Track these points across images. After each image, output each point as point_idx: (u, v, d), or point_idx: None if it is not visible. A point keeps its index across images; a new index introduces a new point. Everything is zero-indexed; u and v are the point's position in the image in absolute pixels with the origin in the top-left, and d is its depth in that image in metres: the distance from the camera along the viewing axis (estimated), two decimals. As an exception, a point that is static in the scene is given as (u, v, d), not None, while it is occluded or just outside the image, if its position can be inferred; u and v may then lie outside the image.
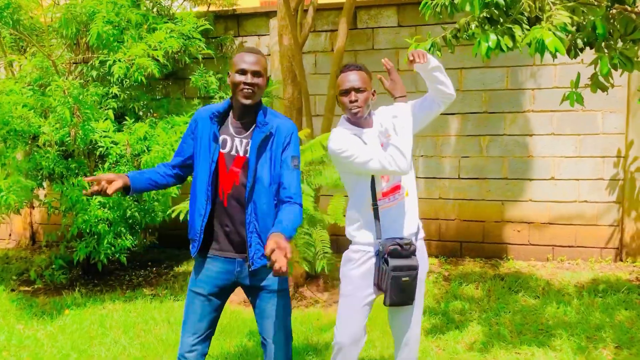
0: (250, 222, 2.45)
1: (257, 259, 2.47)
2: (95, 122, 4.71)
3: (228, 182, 2.48)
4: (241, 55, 2.45)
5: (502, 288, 4.96)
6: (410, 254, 2.58)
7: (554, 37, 2.75)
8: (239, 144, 2.49)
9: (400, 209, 2.63)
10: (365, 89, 2.56)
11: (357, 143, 2.53)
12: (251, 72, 2.40)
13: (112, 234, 4.92)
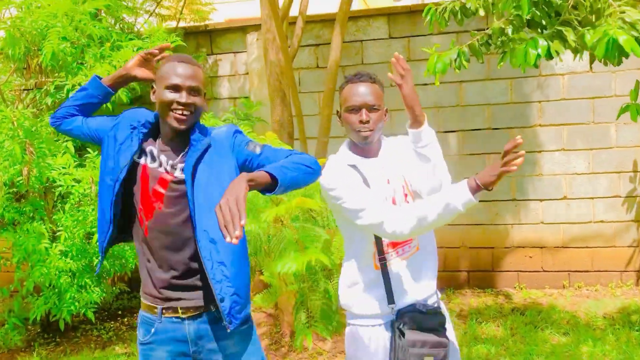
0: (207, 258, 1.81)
1: (236, 313, 1.85)
2: (52, 158, 4.00)
3: (149, 205, 1.86)
4: (172, 65, 1.84)
5: (525, 325, 4.43)
6: (437, 326, 1.94)
7: (630, 36, 2.24)
8: (165, 161, 1.89)
9: (413, 265, 2.01)
10: (379, 107, 1.98)
11: (352, 183, 1.94)
12: (187, 89, 1.81)
13: (75, 286, 4.21)
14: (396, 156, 2.08)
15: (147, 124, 1.91)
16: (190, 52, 5.65)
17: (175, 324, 1.89)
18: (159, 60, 2.06)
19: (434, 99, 5.31)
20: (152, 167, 1.87)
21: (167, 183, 1.85)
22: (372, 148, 2.06)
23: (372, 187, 1.98)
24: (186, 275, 1.88)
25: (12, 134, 3.68)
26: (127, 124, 1.93)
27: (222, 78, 5.78)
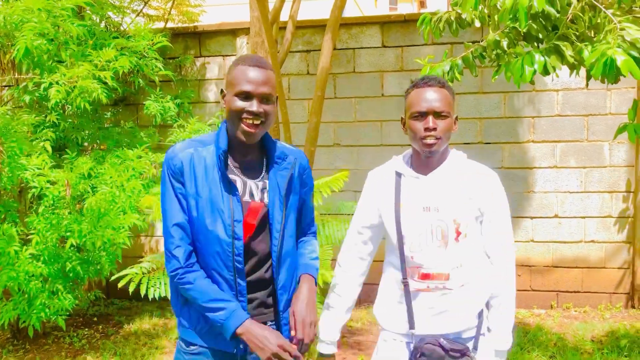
0: (278, 290, 1.76)
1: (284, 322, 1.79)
2: (26, 158, 3.84)
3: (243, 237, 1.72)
4: (243, 69, 1.68)
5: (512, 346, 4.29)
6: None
7: (628, 57, 2.12)
8: (253, 187, 1.74)
9: (443, 301, 1.84)
10: (447, 114, 1.81)
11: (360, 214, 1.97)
12: (259, 97, 1.66)
13: (47, 292, 4.04)
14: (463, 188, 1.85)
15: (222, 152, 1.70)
16: (177, 53, 5.52)
17: None
18: None
19: (425, 111, 5.19)
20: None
21: (258, 212, 1.73)
22: (431, 163, 1.86)
23: (404, 203, 1.84)
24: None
25: (-18, 132, 3.53)
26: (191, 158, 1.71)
27: (210, 81, 5.63)
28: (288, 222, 1.78)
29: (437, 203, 1.82)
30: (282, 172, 1.76)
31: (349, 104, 5.31)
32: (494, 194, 1.88)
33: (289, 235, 1.78)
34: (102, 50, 4.04)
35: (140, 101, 5.40)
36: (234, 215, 1.67)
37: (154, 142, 4.86)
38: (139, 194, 3.80)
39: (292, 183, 1.79)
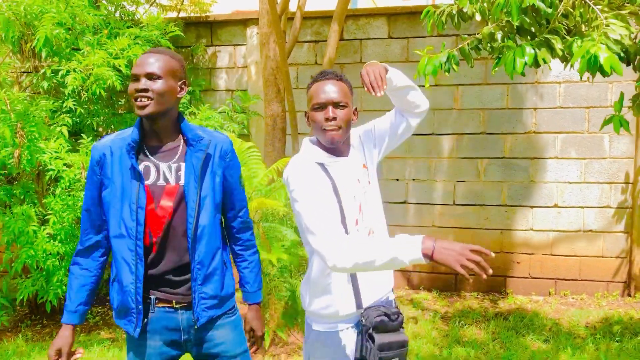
0: (194, 267, 1.92)
1: (202, 311, 1.94)
2: (44, 142, 4.03)
3: (157, 222, 1.90)
4: (138, 58, 1.92)
5: (507, 330, 4.45)
6: (399, 326, 1.96)
7: (611, 54, 2.25)
8: (166, 170, 1.92)
9: None
10: (346, 104, 1.94)
11: (315, 193, 1.84)
12: (144, 76, 1.85)
13: (63, 269, 4.24)
14: (359, 152, 2.08)
15: (132, 143, 1.89)
16: (190, 42, 5.67)
17: (169, 313, 1.94)
18: None
19: (430, 101, 5.30)
20: (150, 183, 1.90)
21: (174, 194, 1.90)
22: (343, 147, 2.01)
23: (341, 189, 1.94)
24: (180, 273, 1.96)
25: (3, 117, 3.71)
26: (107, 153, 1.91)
27: (221, 70, 5.79)
28: (204, 200, 1.93)
29: (357, 174, 2.01)
30: (197, 154, 1.92)
31: (356, 94, 5.42)
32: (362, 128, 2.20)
33: (207, 213, 1.93)
34: (117, 39, 4.21)
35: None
36: (137, 202, 1.86)
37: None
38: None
39: (208, 163, 1.94)
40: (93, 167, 1.93)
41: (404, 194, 5.43)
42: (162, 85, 1.86)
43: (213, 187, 1.96)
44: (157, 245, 1.90)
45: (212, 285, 1.95)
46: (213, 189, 1.96)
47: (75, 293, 1.96)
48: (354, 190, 1.98)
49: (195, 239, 1.91)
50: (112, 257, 1.96)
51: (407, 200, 5.44)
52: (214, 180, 1.96)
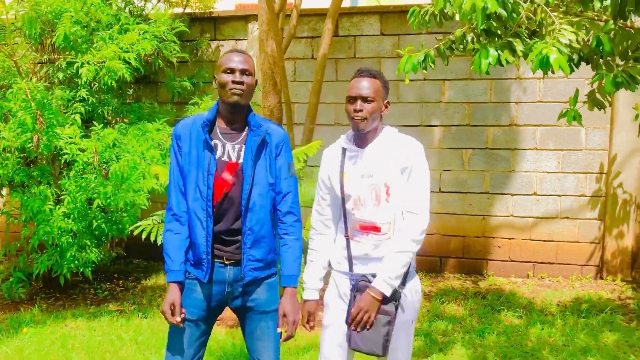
0: (245, 232, 2.29)
1: (248, 271, 2.30)
2: (60, 128, 4.40)
3: (219, 190, 2.28)
4: (228, 55, 2.28)
5: (484, 307, 4.82)
6: (389, 300, 2.24)
7: (559, 55, 2.60)
8: (230, 149, 2.30)
9: (379, 247, 2.30)
10: (374, 99, 2.26)
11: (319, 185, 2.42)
12: (239, 71, 2.23)
13: (76, 246, 4.62)
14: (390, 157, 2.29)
15: (207, 122, 2.28)
16: (194, 37, 6.02)
17: (220, 268, 2.32)
18: None
19: (419, 94, 5.67)
20: (217, 158, 2.28)
21: (234, 169, 2.28)
22: (365, 137, 2.33)
23: (346, 172, 2.32)
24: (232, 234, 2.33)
25: (24, 104, 4.08)
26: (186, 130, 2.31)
27: (224, 63, 6.13)
28: (257, 176, 2.29)
29: (372, 170, 2.30)
30: (255, 138, 2.30)
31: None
32: (412, 159, 2.29)
33: (259, 189, 2.29)
34: (127, 34, 4.56)
35: (159, 80, 5.94)
36: (209, 169, 2.25)
37: (171, 116, 5.41)
38: (157, 162, 4.34)
39: (264, 148, 2.32)
40: (175, 140, 2.32)
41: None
42: (252, 81, 2.27)
43: (266, 169, 2.32)
44: (216, 208, 2.28)
45: (259, 250, 2.31)
46: (266, 170, 2.32)
47: (175, 255, 2.29)
48: (356, 179, 2.31)
49: (248, 208, 2.27)
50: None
51: (397, 188, 5.80)
52: (267, 163, 2.33)
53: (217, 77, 2.27)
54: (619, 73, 2.85)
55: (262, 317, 2.37)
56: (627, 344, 4.07)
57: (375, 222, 2.29)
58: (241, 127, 2.33)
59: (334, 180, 2.36)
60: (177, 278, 2.28)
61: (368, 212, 2.30)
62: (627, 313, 4.64)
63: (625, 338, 4.16)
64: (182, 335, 2.33)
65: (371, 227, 2.30)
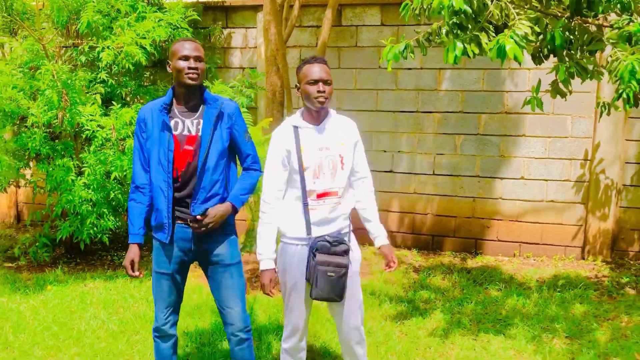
0: (199, 190, 2.71)
1: (196, 207, 2.73)
2: (82, 106, 4.86)
3: (182, 160, 2.70)
4: (182, 43, 2.69)
5: (468, 280, 5.20)
6: (342, 252, 2.70)
7: (514, 45, 2.97)
8: (190, 124, 2.72)
9: (333, 211, 2.74)
10: (330, 82, 2.69)
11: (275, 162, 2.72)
12: (193, 58, 2.65)
13: (95, 214, 5.09)
14: (340, 133, 2.80)
15: (164, 105, 2.71)
16: (207, 24, 6.44)
17: (184, 228, 2.75)
18: None
19: (415, 82, 6.03)
20: (177, 133, 2.71)
21: (194, 140, 2.71)
22: (319, 116, 2.76)
23: (304, 146, 2.71)
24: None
25: (52, 84, 4.54)
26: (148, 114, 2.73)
27: (235, 49, 6.56)
28: (213, 145, 2.70)
29: (328, 144, 2.73)
30: (212, 111, 2.72)
31: (350, 74, 6.18)
32: (358, 134, 2.86)
33: (213, 155, 2.70)
34: (143, 22, 5.00)
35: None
36: (168, 146, 2.68)
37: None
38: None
39: (220, 118, 2.74)
40: (139, 124, 2.75)
41: (390, 164, 6.18)
42: (203, 67, 2.70)
43: (221, 137, 2.74)
44: (181, 177, 2.72)
45: (210, 205, 2.73)
46: (221, 138, 2.74)
47: (136, 220, 2.75)
48: (315, 152, 2.72)
49: (203, 170, 2.70)
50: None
51: (393, 170, 6.19)
52: (222, 132, 2.75)
53: (172, 63, 2.67)
54: (572, 64, 3.20)
55: (226, 269, 2.81)
56: (593, 314, 4.43)
57: (332, 187, 2.73)
58: (197, 104, 2.75)
59: (292, 154, 2.71)
60: (135, 240, 2.74)
61: (326, 180, 2.73)
62: (600, 289, 4.98)
63: (593, 310, 4.51)
64: (162, 286, 2.81)
65: (328, 193, 2.73)
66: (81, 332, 4.02)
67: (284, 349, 2.93)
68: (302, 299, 2.80)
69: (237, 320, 2.83)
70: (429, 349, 3.85)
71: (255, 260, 4.08)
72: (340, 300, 2.73)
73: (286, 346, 2.92)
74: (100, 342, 3.86)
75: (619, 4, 3.21)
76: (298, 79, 2.75)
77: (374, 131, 6.16)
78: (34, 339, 3.91)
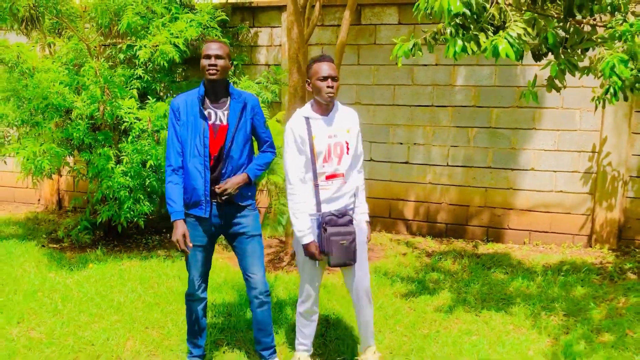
0: (225, 173, 3.15)
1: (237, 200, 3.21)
2: (121, 100, 5.33)
3: (216, 146, 3.13)
4: (207, 44, 3.12)
5: (477, 265, 5.53)
6: (347, 223, 3.11)
7: (507, 45, 3.30)
8: (221, 115, 3.16)
9: (339, 191, 3.16)
10: (337, 79, 3.11)
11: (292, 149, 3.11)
12: (214, 56, 3.06)
13: (132, 200, 5.56)
14: (345, 122, 3.22)
15: (200, 96, 3.13)
16: (235, 24, 6.87)
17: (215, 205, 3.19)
18: None
19: (431, 78, 6.36)
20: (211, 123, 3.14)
21: (225, 129, 3.15)
22: (327, 108, 3.17)
23: (315, 135, 3.12)
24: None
25: (95, 79, 5.01)
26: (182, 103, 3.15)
27: (261, 47, 6.97)
28: (238, 133, 3.14)
29: (335, 132, 3.14)
30: (237, 104, 3.15)
31: (369, 70, 6.54)
32: (358, 122, 3.26)
33: (238, 141, 3.14)
34: (176, 22, 5.44)
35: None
36: (204, 134, 3.09)
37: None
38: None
39: (244, 110, 3.18)
40: (174, 112, 3.15)
41: (406, 156, 6.52)
42: (225, 64, 3.11)
43: (245, 126, 3.20)
44: (214, 161, 3.15)
45: None
46: (245, 127, 3.20)
47: (178, 199, 3.11)
48: (325, 139, 3.13)
49: (228, 155, 3.14)
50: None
51: (409, 161, 6.54)
52: (246, 122, 3.20)
53: (201, 62, 3.10)
54: (562, 62, 3.51)
55: (251, 240, 3.26)
56: (592, 296, 4.72)
57: (338, 170, 3.15)
58: (224, 97, 3.17)
59: (305, 142, 3.11)
60: (180, 216, 3.10)
61: (334, 163, 3.14)
62: (602, 274, 5.26)
63: (593, 292, 4.80)
64: (197, 257, 3.24)
65: (336, 175, 3.15)
66: (120, 302, 4.48)
67: (299, 312, 3.34)
68: (314, 267, 3.19)
69: (259, 284, 3.25)
70: (434, 322, 4.21)
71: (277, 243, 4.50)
72: (354, 263, 3.15)
73: (301, 310, 3.32)
74: (137, 312, 4.32)
75: (609, 6, 3.50)
76: (308, 76, 3.16)
77: (391, 124, 6.51)
78: (79, 307, 4.39)
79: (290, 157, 3.13)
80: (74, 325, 4.08)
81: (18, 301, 4.47)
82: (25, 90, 5.06)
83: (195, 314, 3.34)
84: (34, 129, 5.22)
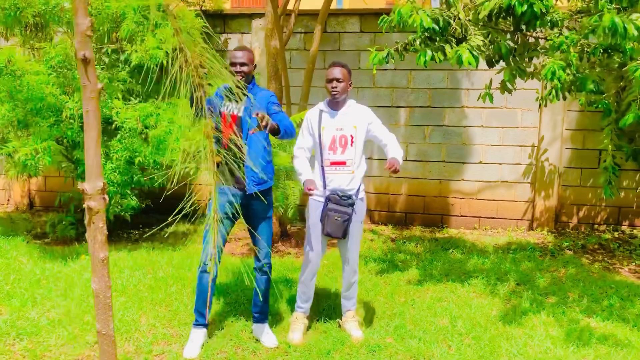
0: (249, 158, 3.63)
1: (249, 184, 3.67)
2: (110, 100, 5.69)
3: (226, 131, 3.62)
4: (233, 53, 3.64)
5: (437, 247, 6.24)
6: (347, 204, 3.70)
7: (469, 54, 3.98)
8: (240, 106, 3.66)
9: (345, 178, 3.74)
10: (343, 80, 3.72)
11: (304, 130, 3.81)
12: (239, 64, 3.59)
13: (119, 195, 5.91)
14: (353, 119, 3.79)
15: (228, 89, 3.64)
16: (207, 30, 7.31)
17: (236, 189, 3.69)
18: None
19: (390, 81, 7.04)
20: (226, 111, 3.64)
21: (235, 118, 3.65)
22: (338, 104, 3.79)
23: (324, 126, 3.72)
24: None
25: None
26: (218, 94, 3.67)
27: (231, 52, 7.45)
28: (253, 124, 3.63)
29: (342, 125, 3.75)
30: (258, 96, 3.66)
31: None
32: (372, 116, 3.83)
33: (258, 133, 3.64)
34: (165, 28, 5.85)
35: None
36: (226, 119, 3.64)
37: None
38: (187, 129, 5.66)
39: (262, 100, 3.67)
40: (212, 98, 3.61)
41: (369, 152, 7.18)
42: (248, 69, 3.63)
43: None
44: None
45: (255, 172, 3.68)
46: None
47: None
48: (332, 130, 3.74)
49: (248, 145, 3.63)
50: None
51: (372, 157, 7.19)
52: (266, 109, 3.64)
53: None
54: (514, 68, 4.24)
55: (264, 220, 3.80)
56: (538, 268, 5.51)
57: (342, 159, 3.74)
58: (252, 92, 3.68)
59: (315, 131, 3.75)
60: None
61: (338, 153, 3.74)
62: (544, 251, 6.08)
63: (537, 266, 5.60)
64: (218, 229, 3.72)
65: (339, 163, 3.75)
66: (124, 286, 4.88)
67: (301, 280, 3.91)
68: (318, 236, 3.78)
69: (263, 257, 3.81)
70: (409, 292, 4.85)
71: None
72: (343, 239, 3.76)
73: (303, 277, 3.89)
74: (142, 293, 4.73)
75: (549, 22, 4.25)
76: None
77: (355, 123, 7.14)
78: (86, 291, 4.75)
79: (300, 136, 3.84)
80: (86, 306, 4.46)
81: (25, 288, 4.79)
82: (20, 92, 5.35)
83: (205, 286, 3.81)
84: (32, 128, 5.50)
